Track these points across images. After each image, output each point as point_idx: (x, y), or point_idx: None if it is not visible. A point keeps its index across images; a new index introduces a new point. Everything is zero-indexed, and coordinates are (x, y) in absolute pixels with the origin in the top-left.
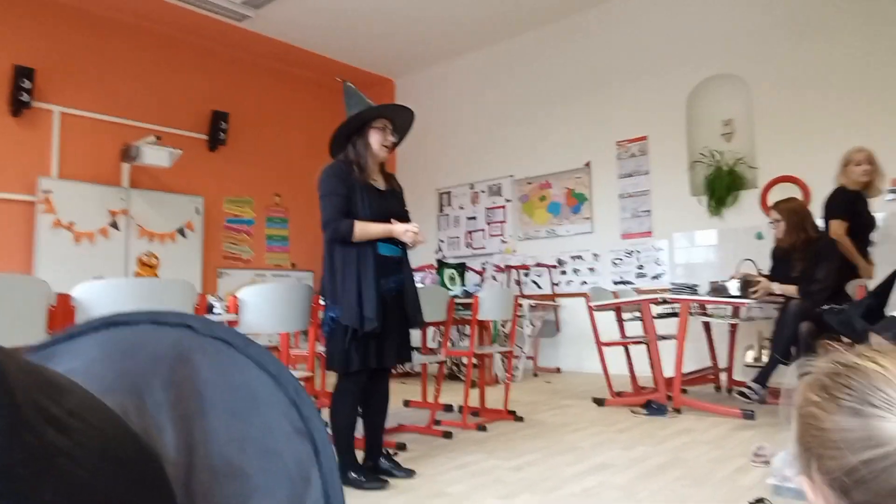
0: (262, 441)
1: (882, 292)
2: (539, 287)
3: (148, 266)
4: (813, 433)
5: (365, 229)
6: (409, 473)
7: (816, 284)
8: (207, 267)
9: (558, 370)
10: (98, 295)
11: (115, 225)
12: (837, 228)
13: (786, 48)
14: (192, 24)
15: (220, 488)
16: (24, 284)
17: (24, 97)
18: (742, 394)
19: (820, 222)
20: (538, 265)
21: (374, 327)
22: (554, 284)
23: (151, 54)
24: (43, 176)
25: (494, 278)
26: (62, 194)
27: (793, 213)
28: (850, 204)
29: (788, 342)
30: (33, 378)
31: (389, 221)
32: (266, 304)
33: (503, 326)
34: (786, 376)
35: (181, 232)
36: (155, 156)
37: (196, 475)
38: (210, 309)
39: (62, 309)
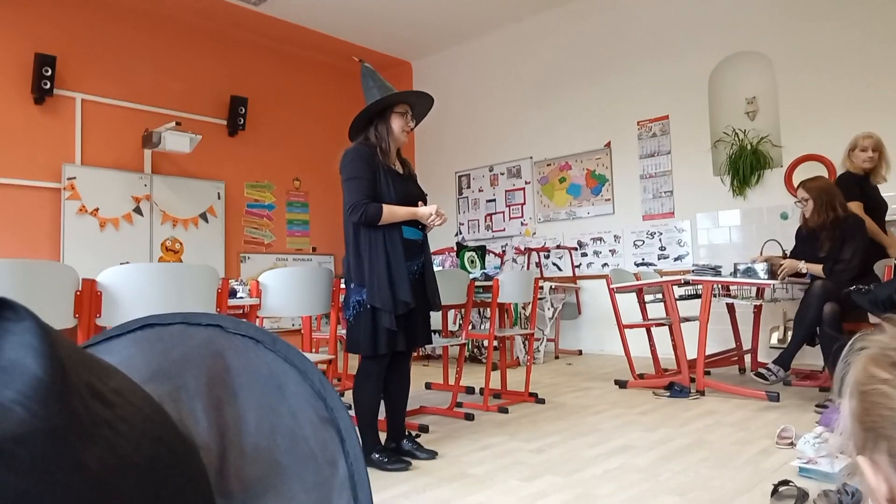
0: (289, 429)
1: None
2: (559, 269)
3: (172, 251)
4: (882, 413)
5: (392, 212)
6: (432, 455)
7: (842, 264)
8: (230, 251)
9: (580, 352)
10: (123, 280)
11: (138, 210)
12: (856, 210)
13: (810, 25)
14: (209, 9)
15: (251, 472)
16: (51, 270)
17: (47, 85)
18: (760, 375)
19: None
20: (558, 247)
21: (410, 308)
22: (575, 266)
23: (170, 40)
24: (67, 163)
25: (514, 261)
26: (86, 181)
27: (822, 191)
28: (859, 186)
29: (812, 324)
30: (80, 356)
31: (413, 205)
32: (287, 287)
33: (524, 309)
34: (837, 358)
35: (203, 217)
36: (176, 141)
37: (228, 460)
38: (233, 293)
39: (88, 294)
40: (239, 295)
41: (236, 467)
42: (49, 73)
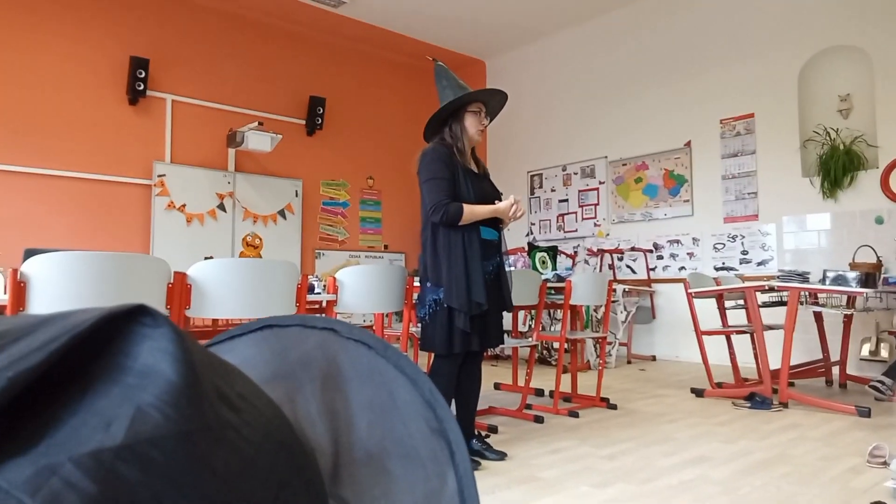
0: (400, 437)
1: None
2: (634, 272)
3: (252, 246)
4: None
5: (472, 212)
6: (501, 456)
7: None
8: (305, 247)
9: (653, 358)
10: (209, 273)
11: (222, 207)
12: None
13: None
14: (290, 11)
15: (363, 478)
16: (145, 263)
17: (140, 87)
18: (874, 387)
19: None
20: (633, 249)
21: (483, 309)
22: (649, 269)
23: (253, 43)
24: (158, 161)
25: (587, 262)
26: (175, 178)
27: None
28: None
29: None
30: (211, 361)
31: (490, 204)
32: (363, 285)
33: (596, 312)
34: None
35: (282, 214)
36: (258, 141)
37: (341, 465)
38: (311, 289)
39: (179, 286)
40: (316, 291)
41: (349, 472)
42: (143, 75)
